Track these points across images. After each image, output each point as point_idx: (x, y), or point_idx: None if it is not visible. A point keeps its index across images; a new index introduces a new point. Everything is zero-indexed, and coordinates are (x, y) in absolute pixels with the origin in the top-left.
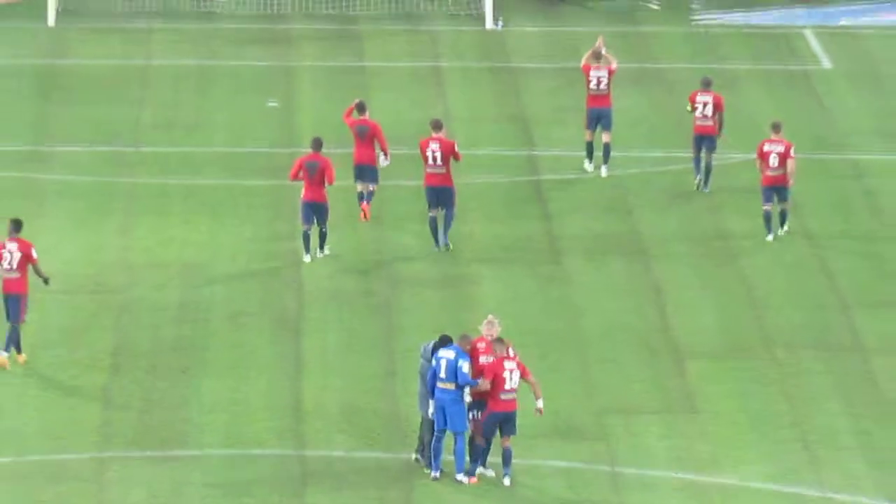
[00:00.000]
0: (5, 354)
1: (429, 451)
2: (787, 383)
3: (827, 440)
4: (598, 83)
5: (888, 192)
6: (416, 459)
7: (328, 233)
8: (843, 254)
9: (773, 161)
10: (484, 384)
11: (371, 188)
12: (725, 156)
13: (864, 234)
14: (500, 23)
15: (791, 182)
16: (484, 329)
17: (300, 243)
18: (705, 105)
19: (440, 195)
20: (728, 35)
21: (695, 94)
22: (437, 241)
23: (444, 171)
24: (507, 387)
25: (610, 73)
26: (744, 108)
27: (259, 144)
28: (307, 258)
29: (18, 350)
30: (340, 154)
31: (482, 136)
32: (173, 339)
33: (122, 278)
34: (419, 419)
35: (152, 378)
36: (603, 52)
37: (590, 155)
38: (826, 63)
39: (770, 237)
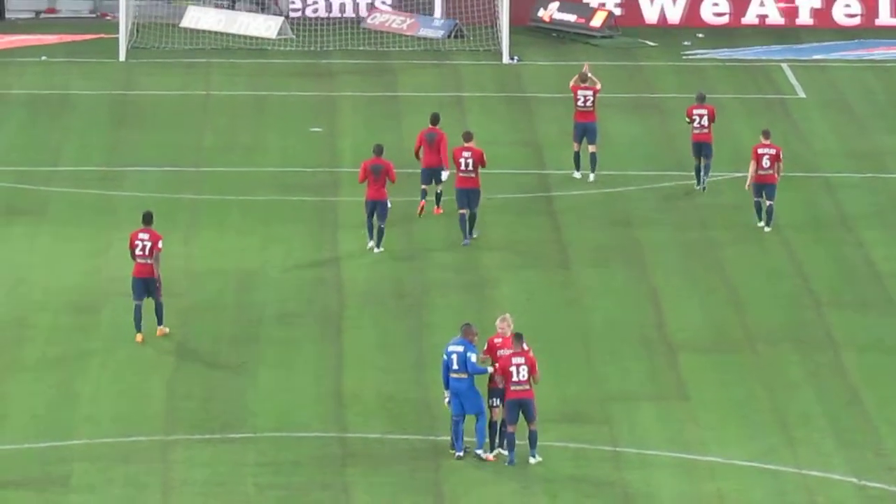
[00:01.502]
0: (161, 327)
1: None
2: (766, 374)
3: (801, 423)
4: (585, 101)
5: (854, 205)
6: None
7: (385, 231)
8: (816, 259)
9: (766, 162)
10: (498, 380)
11: (439, 189)
12: (712, 175)
13: (834, 242)
14: (516, 58)
15: (777, 179)
16: (498, 325)
17: (365, 232)
18: (701, 117)
19: (469, 195)
20: (715, 68)
21: (691, 109)
22: (465, 235)
23: (473, 175)
24: (514, 379)
25: (594, 92)
26: (728, 132)
27: (305, 165)
28: (370, 244)
29: (162, 322)
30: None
31: (499, 157)
32: (231, 337)
33: (186, 283)
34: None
35: (212, 370)
36: (589, 75)
37: (577, 164)
38: (801, 93)
39: (761, 223)
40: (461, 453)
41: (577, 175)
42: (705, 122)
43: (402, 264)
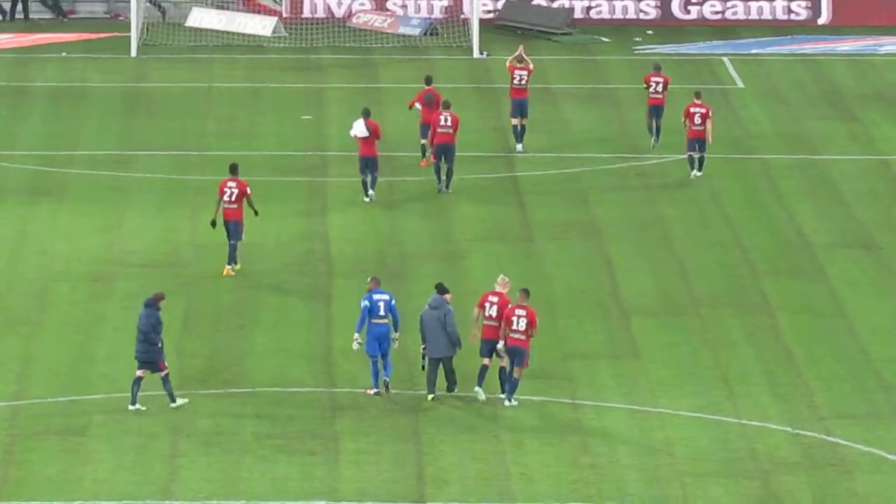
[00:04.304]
0: (229, 266)
1: (429, 382)
2: (709, 335)
3: (741, 379)
4: (521, 80)
5: (787, 184)
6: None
7: (378, 178)
8: (753, 232)
9: (697, 119)
10: (503, 329)
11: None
12: (661, 157)
13: (770, 216)
14: (485, 53)
15: (709, 139)
16: (499, 284)
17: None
18: (657, 84)
19: (446, 150)
20: (663, 62)
21: (649, 76)
22: (439, 180)
23: (451, 131)
24: (513, 327)
25: (528, 72)
26: (675, 119)
27: (297, 149)
28: (366, 199)
29: (235, 262)
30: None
31: (470, 142)
32: (231, 303)
33: (191, 255)
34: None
35: (216, 332)
36: (524, 56)
37: (517, 137)
38: (740, 83)
39: (693, 173)
40: (377, 390)
41: (519, 148)
42: (660, 88)
43: (384, 238)
